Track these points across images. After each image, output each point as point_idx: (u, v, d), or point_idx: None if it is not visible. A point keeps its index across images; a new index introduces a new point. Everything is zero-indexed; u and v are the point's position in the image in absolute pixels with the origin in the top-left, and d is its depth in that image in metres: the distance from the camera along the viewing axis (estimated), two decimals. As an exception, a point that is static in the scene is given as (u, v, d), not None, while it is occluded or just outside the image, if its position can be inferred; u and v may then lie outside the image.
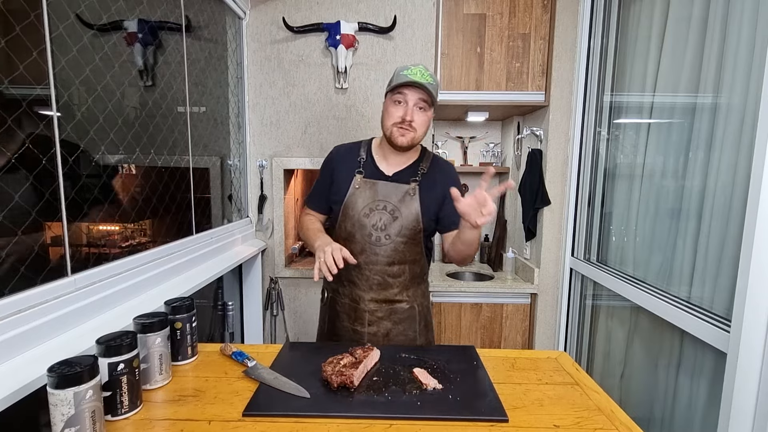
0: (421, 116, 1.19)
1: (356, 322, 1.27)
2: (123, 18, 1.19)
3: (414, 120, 1.17)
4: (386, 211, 1.22)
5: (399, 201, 1.23)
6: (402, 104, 1.18)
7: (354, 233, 1.23)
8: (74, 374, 0.64)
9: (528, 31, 1.96)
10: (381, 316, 1.26)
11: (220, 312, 1.94)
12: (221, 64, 1.81)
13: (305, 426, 0.74)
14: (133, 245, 1.26)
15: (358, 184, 1.25)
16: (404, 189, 1.23)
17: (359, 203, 1.24)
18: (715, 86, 1.19)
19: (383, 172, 1.27)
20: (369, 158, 1.30)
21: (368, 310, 1.26)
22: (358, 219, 1.23)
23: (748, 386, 0.96)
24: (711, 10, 1.21)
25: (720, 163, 1.16)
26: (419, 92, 1.16)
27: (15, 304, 0.78)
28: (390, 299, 1.26)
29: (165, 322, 0.89)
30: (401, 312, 1.27)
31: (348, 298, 1.28)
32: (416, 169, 1.26)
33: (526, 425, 0.75)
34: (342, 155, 1.32)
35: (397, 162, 1.27)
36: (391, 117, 1.20)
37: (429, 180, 1.26)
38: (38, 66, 0.88)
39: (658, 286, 1.41)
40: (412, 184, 1.24)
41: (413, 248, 1.24)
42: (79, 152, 1.00)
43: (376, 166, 1.28)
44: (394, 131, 1.19)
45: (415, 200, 1.22)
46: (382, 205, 1.23)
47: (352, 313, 1.27)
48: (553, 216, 2.03)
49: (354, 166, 1.28)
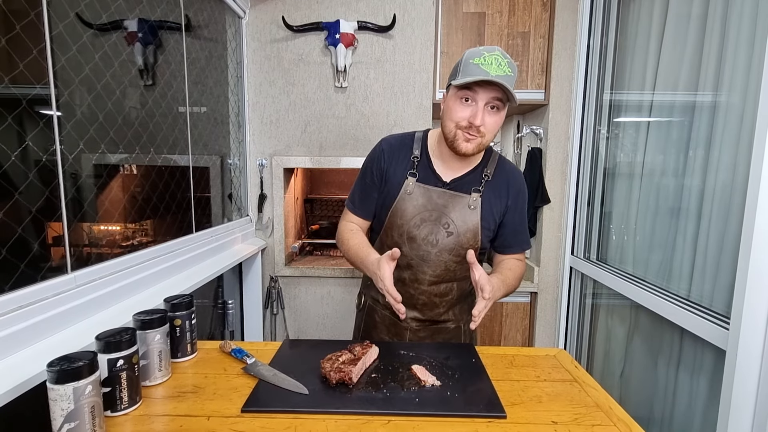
0: (493, 118, 0.98)
1: (395, 337, 1.16)
2: (123, 17, 1.20)
3: (484, 124, 0.96)
4: (440, 224, 1.06)
5: (457, 214, 1.05)
6: (471, 103, 0.97)
7: (401, 245, 1.07)
8: (74, 369, 0.65)
9: (527, 30, 1.96)
10: (423, 336, 1.15)
11: (220, 311, 1.94)
12: (221, 63, 1.81)
13: (303, 422, 0.74)
14: (133, 245, 1.27)
15: (410, 189, 1.07)
16: (464, 201, 1.06)
17: (409, 211, 1.07)
18: (714, 84, 1.19)
19: (440, 176, 1.08)
20: (424, 157, 1.10)
21: (410, 328, 1.14)
22: (407, 230, 1.07)
23: (747, 383, 0.96)
24: (710, 8, 1.21)
25: (719, 161, 1.16)
26: (494, 90, 0.94)
27: (15, 301, 0.78)
28: (435, 320, 1.14)
29: (164, 319, 0.89)
30: (446, 332, 1.16)
31: (389, 311, 1.15)
32: (479, 176, 1.08)
33: (524, 421, 0.76)
34: (394, 150, 1.11)
35: (457, 166, 1.08)
36: (454, 117, 0.99)
37: (494, 189, 1.08)
38: (38, 65, 0.88)
39: (657, 284, 1.41)
40: (473, 195, 1.06)
41: (465, 265, 1.06)
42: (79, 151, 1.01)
43: (433, 168, 1.09)
44: (459, 135, 0.99)
45: (476, 214, 1.05)
46: (436, 216, 1.06)
47: (393, 327, 1.16)
48: (553, 214, 2.03)
49: (406, 165, 1.09)
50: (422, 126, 2.00)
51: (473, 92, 0.95)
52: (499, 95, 0.95)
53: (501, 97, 0.95)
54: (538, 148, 2.06)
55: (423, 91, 1.98)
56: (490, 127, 0.98)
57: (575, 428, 0.74)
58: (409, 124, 1.99)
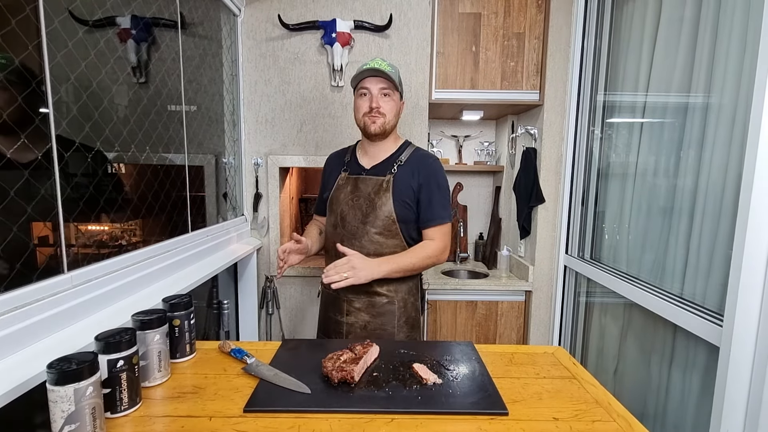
0: (387, 102, 1.25)
1: (337, 312, 1.32)
2: (116, 14, 1.18)
3: (381, 106, 1.24)
4: (363, 202, 1.28)
5: (374, 194, 1.27)
6: (367, 95, 1.25)
7: (336, 226, 1.31)
8: (74, 371, 0.64)
9: (522, 31, 1.98)
10: (359, 307, 1.30)
11: (215, 311, 1.93)
12: (216, 61, 1.80)
13: (307, 421, 0.74)
14: (129, 245, 1.25)
15: (342, 181, 1.34)
16: (379, 182, 1.28)
17: (341, 198, 1.31)
18: (706, 86, 1.22)
19: (363, 166, 1.33)
20: (353, 157, 1.38)
21: (346, 299, 1.30)
22: (338, 212, 1.31)
23: (740, 379, 0.98)
24: (702, 11, 1.23)
25: (711, 161, 1.19)
26: (380, 81, 1.24)
27: (11, 301, 0.77)
28: (367, 291, 1.28)
29: (163, 319, 0.88)
30: (379, 306, 1.29)
31: (329, 289, 1.29)
32: (393, 162, 1.31)
33: (526, 418, 0.76)
34: (332, 159, 1.44)
35: (376, 154, 1.33)
36: (360, 109, 1.27)
37: (405, 172, 1.28)
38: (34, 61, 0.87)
39: (651, 282, 1.43)
40: (387, 176, 1.28)
41: (391, 241, 1.27)
42: (75, 148, 0.99)
43: (358, 162, 1.35)
44: (366, 121, 1.26)
45: (388, 192, 1.26)
46: (360, 198, 1.28)
47: (333, 303, 1.33)
48: (548, 214, 2.05)
49: (340, 166, 1.39)
50: (419, 126, 2.01)
51: (367, 88, 1.25)
52: (386, 85, 1.24)
53: (388, 86, 1.25)
54: (533, 148, 2.08)
55: (419, 91, 1.98)
56: (387, 108, 1.25)
57: (576, 424, 0.75)
58: (406, 124, 2.00)
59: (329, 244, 1.36)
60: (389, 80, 1.23)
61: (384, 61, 1.26)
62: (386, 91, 1.25)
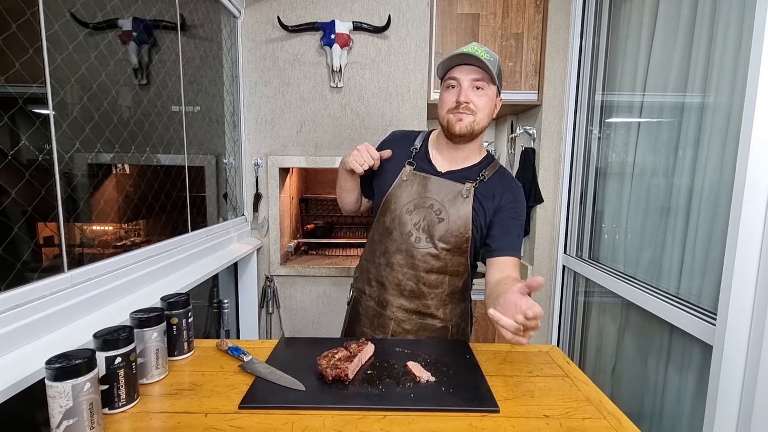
0: (480, 97, 1.02)
1: (378, 329, 1.14)
2: (118, 16, 1.20)
3: (471, 101, 1.01)
4: (432, 211, 1.07)
5: (449, 201, 1.07)
6: (455, 87, 1.03)
7: (392, 230, 1.10)
8: (72, 366, 0.65)
9: (521, 31, 1.98)
10: (408, 329, 1.12)
11: (215, 310, 1.94)
12: (216, 62, 1.81)
13: (300, 417, 0.75)
14: (129, 245, 1.26)
15: (407, 176, 1.11)
16: (457, 189, 1.08)
17: (404, 197, 1.09)
18: (702, 86, 1.22)
19: (436, 167, 1.12)
20: (423, 150, 1.15)
21: (395, 318, 1.12)
22: (399, 215, 1.09)
23: (733, 377, 0.98)
24: (698, 11, 1.23)
25: (707, 161, 1.19)
26: (473, 71, 1.00)
27: (12, 299, 0.79)
28: (422, 311, 1.12)
29: (161, 317, 0.90)
30: (431, 329, 1.13)
31: (374, 301, 1.15)
32: (475, 174, 1.10)
33: (517, 415, 0.77)
34: (398, 141, 1.18)
35: (454, 159, 1.12)
36: (444, 104, 1.05)
37: (488, 189, 1.09)
38: (34, 64, 0.89)
39: (647, 282, 1.43)
40: (467, 184, 1.07)
41: (457, 258, 1.09)
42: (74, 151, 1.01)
43: (429, 160, 1.13)
44: (450, 118, 1.04)
45: (468, 204, 1.06)
46: (429, 203, 1.08)
47: (375, 319, 1.14)
48: (546, 214, 2.06)
49: (406, 155, 1.14)
50: (417, 126, 2.02)
51: (456, 78, 1.02)
52: (480, 76, 1.01)
53: (482, 78, 1.01)
54: (531, 148, 2.08)
55: (418, 92, 1.99)
56: (479, 105, 1.03)
57: (566, 422, 0.76)
58: (404, 125, 2.01)
59: (378, 246, 1.15)
60: (485, 70, 0.99)
61: (481, 47, 1.00)
62: (479, 83, 1.01)
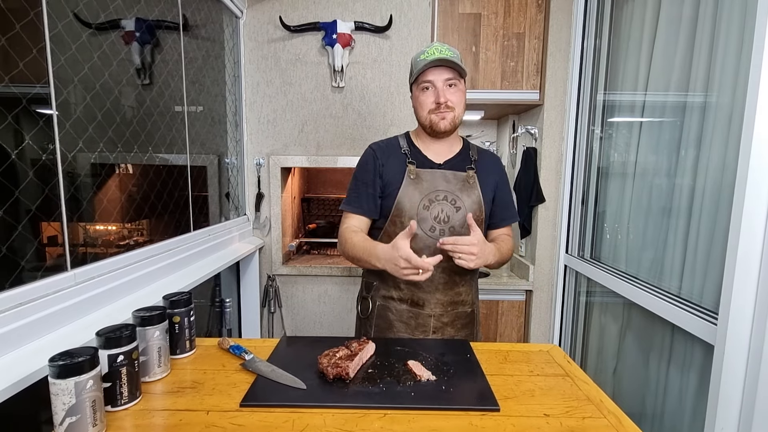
0: (454, 93, 1.10)
1: (417, 329, 1.15)
2: (120, 17, 1.21)
3: (449, 99, 1.09)
4: (447, 201, 1.12)
5: (459, 190, 1.13)
6: (431, 89, 1.10)
7: None
8: (75, 364, 0.66)
9: (522, 31, 1.98)
10: (446, 322, 1.15)
11: (217, 309, 1.95)
12: (218, 62, 1.82)
13: (301, 416, 0.75)
14: (129, 245, 1.27)
15: (413, 174, 1.13)
16: (462, 177, 1.15)
17: (416, 195, 1.12)
18: (704, 85, 1.22)
19: (433, 161, 1.17)
20: (413, 148, 1.20)
21: (434, 314, 1.14)
22: (417, 212, 1.12)
23: (734, 377, 0.98)
24: (701, 11, 1.23)
25: (709, 160, 1.19)
26: (444, 71, 1.08)
27: (16, 298, 0.79)
28: (456, 301, 1.16)
29: (163, 315, 0.90)
30: (463, 317, 1.18)
31: (407, 303, 1.15)
32: (467, 158, 1.19)
33: (517, 414, 0.77)
34: (383, 150, 1.20)
35: (442, 151, 1.18)
36: (424, 106, 1.12)
37: (482, 168, 1.18)
38: (38, 64, 0.89)
39: (649, 282, 1.43)
40: (468, 171, 1.15)
41: None
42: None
43: (424, 155, 1.18)
44: (433, 118, 1.12)
45: (476, 187, 1.14)
46: (443, 195, 1.12)
47: (413, 320, 1.14)
48: (548, 213, 2.06)
49: (401, 157, 1.17)
50: (418, 126, 2.02)
51: (429, 81, 1.09)
52: (451, 74, 1.09)
53: (453, 75, 1.09)
54: (533, 148, 2.08)
55: (419, 91, 1.99)
56: (455, 101, 1.11)
57: (566, 420, 0.76)
58: (406, 124, 2.01)
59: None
60: (454, 68, 1.07)
61: (444, 46, 1.08)
62: (452, 81, 1.09)
